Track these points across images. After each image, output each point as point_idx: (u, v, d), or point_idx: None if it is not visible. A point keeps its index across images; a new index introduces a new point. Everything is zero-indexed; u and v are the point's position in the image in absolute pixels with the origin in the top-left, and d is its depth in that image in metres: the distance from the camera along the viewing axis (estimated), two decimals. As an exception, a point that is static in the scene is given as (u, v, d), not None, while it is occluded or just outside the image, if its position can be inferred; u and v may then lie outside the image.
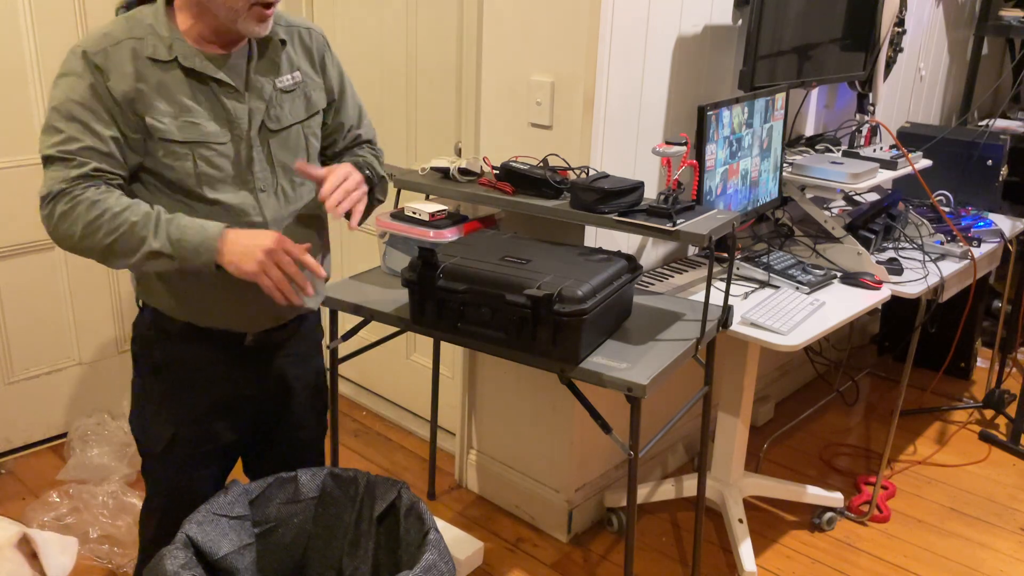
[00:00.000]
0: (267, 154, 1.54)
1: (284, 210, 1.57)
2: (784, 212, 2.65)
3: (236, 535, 1.59)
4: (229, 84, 1.48)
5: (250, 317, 1.60)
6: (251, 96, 1.51)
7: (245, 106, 1.50)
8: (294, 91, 1.57)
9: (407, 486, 1.69)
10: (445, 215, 2.11)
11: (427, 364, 2.86)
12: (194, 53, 1.45)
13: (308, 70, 1.61)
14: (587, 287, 1.67)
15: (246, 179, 1.51)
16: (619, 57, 2.17)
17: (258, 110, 1.51)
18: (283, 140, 1.56)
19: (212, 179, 1.48)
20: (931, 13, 3.47)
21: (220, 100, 1.48)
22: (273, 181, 1.55)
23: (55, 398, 2.82)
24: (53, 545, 1.28)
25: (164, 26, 1.44)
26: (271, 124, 1.53)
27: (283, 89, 1.55)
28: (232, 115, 1.49)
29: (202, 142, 1.46)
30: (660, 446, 2.76)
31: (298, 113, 1.58)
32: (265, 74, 1.53)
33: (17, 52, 2.51)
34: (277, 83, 1.54)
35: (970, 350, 3.50)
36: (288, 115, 1.56)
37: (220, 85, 1.47)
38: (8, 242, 2.60)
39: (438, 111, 2.63)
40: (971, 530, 2.59)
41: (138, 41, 1.42)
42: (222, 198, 1.49)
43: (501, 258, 1.82)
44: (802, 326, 2.04)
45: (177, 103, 1.44)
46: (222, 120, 1.48)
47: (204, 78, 1.46)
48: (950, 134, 3.00)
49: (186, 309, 1.56)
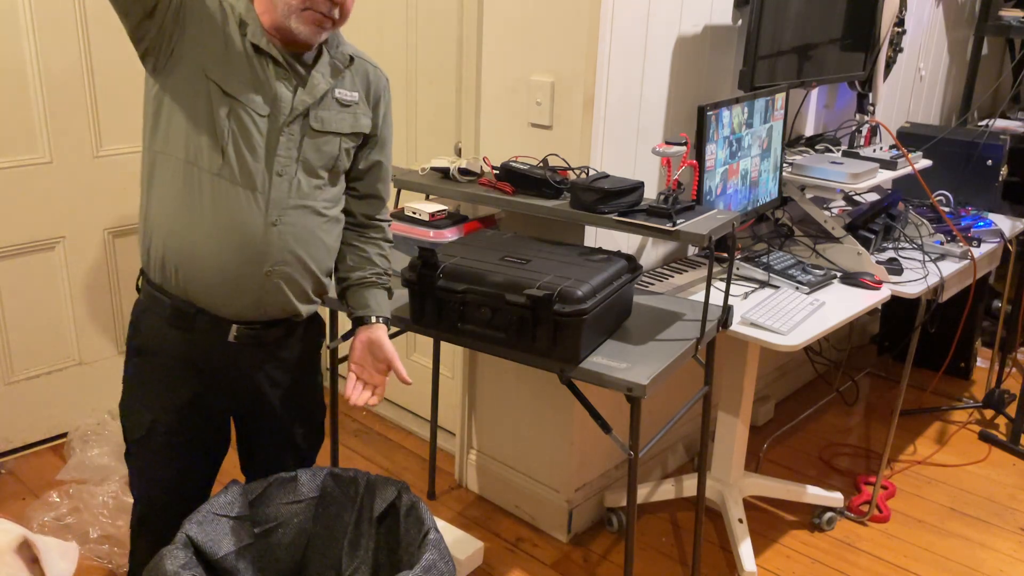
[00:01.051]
0: (298, 146, 1.56)
1: (290, 198, 1.57)
2: (784, 212, 2.65)
3: (236, 535, 1.59)
4: (284, 67, 1.52)
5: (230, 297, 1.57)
6: (303, 90, 1.55)
7: (291, 95, 1.54)
8: (348, 107, 1.62)
9: (407, 486, 1.69)
10: (445, 215, 2.11)
11: (427, 364, 2.86)
12: (261, 32, 1.50)
13: (362, 99, 1.65)
14: (587, 287, 1.67)
15: (268, 157, 1.54)
16: (619, 57, 2.17)
17: (303, 103, 1.55)
18: (319, 143, 1.58)
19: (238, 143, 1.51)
20: (931, 13, 3.47)
21: (270, 80, 1.52)
22: (293, 170, 1.57)
23: (55, 398, 2.82)
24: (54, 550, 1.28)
25: (243, 5, 1.50)
26: (315, 123, 1.57)
27: (340, 100, 1.60)
28: (276, 95, 1.52)
29: (241, 100, 1.49)
30: (660, 446, 2.76)
31: (343, 126, 1.62)
32: (326, 77, 1.58)
33: (17, 52, 2.50)
34: (337, 92, 1.59)
35: (970, 350, 3.50)
36: (334, 122, 1.60)
37: (275, 65, 1.52)
38: (8, 242, 2.60)
39: (438, 111, 2.63)
40: (971, 530, 2.59)
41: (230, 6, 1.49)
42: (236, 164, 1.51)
43: (501, 258, 1.82)
44: (802, 326, 2.04)
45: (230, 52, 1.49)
46: (266, 97, 1.52)
47: (264, 55, 1.51)
48: (950, 134, 3.00)
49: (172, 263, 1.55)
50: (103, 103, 2.70)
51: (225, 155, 1.50)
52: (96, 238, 2.79)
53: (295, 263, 1.60)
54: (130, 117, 2.77)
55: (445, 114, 2.61)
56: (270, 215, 1.55)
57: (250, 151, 1.51)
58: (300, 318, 1.68)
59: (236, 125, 1.50)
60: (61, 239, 2.71)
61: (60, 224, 2.70)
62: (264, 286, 1.58)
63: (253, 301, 1.59)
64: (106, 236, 2.81)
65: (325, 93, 1.57)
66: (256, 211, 1.53)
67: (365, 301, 1.71)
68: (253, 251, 1.54)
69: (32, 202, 2.62)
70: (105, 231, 2.80)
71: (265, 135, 1.52)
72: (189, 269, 1.55)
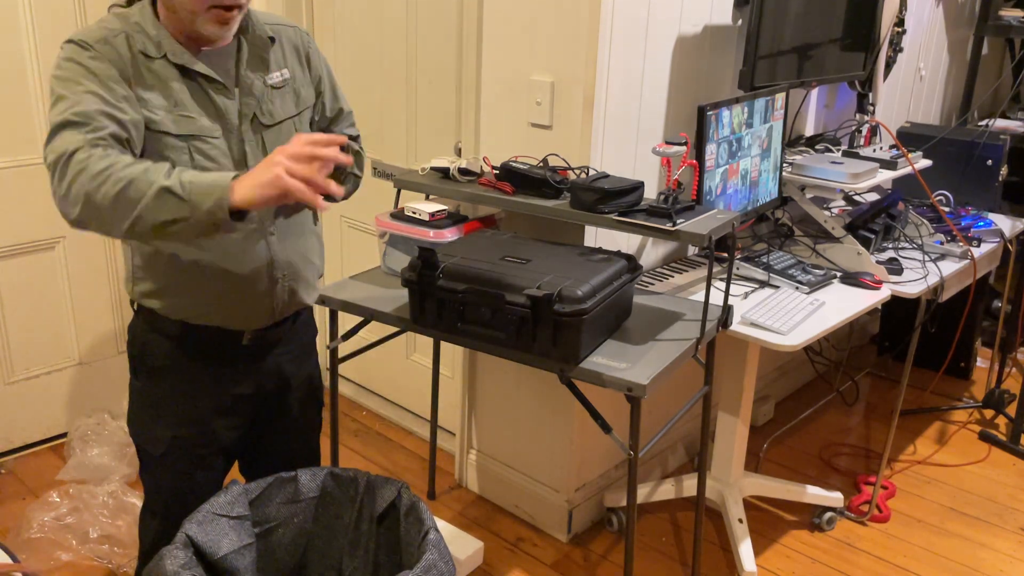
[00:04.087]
0: (262, 148, 1.55)
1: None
2: (784, 212, 2.65)
3: (236, 535, 1.59)
4: (216, 80, 1.49)
5: (246, 315, 1.60)
6: (241, 92, 1.52)
7: (234, 102, 1.51)
8: (283, 87, 1.59)
9: (407, 486, 1.69)
10: (445, 215, 2.11)
11: (427, 364, 2.86)
12: (181, 50, 1.46)
13: (295, 67, 1.62)
14: (587, 287, 1.67)
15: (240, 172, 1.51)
16: (619, 57, 2.17)
17: (248, 106, 1.52)
18: (276, 134, 1.57)
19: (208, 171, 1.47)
20: (931, 13, 3.47)
21: (209, 95, 1.48)
22: None
23: (55, 398, 2.82)
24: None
25: (151, 23, 1.45)
26: (264, 119, 1.55)
27: (273, 86, 1.57)
28: (221, 110, 1.49)
29: (196, 135, 1.46)
30: (660, 446, 2.76)
31: (289, 108, 1.60)
32: (255, 71, 1.54)
33: (17, 52, 2.51)
34: (268, 80, 1.56)
35: (970, 350, 3.50)
36: (280, 110, 1.58)
37: (208, 81, 1.48)
38: (8, 242, 2.60)
39: (438, 111, 2.63)
40: (971, 530, 2.59)
41: (131, 36, 1.43)
42: None
43: (501, 258, 1.82)
44: (802, 326, 2.04)
45: (170, 97, 1.44)
46: (212, 115, 1.49)
47: (191, 73, 1.47)
48: (950, 134, 3.00)
49: (181, 307, 1.55)
50: (103, 103, 2.70)
51: None
52: (96, 238, 2.79)
53: (298, 262, 1.62)
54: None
55: (445, 114, 2.61)
56: (264, 227, 1.56)
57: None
58: (307, 307, 1.73)
59: (200, 157, 1.47)
60: (61, 239, 2.71)
61: (60, 224, 2.69)
62: (277, 295, 1.61)
63: (268, 311, 1.62)
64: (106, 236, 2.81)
65: (261, 86, 1.54)
66: (255, 233, 1.54)
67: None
68: (258, 269, 1.56)
69: (32, 202, 2.62)
70: (105, 231, 2.80)
71: (229, 154, 1.51)
72: (198, 301, 1.54)
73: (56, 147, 1.31)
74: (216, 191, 1.28)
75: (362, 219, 2.96)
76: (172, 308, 1.56)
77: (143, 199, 1.27)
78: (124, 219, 1.29)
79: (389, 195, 2.75)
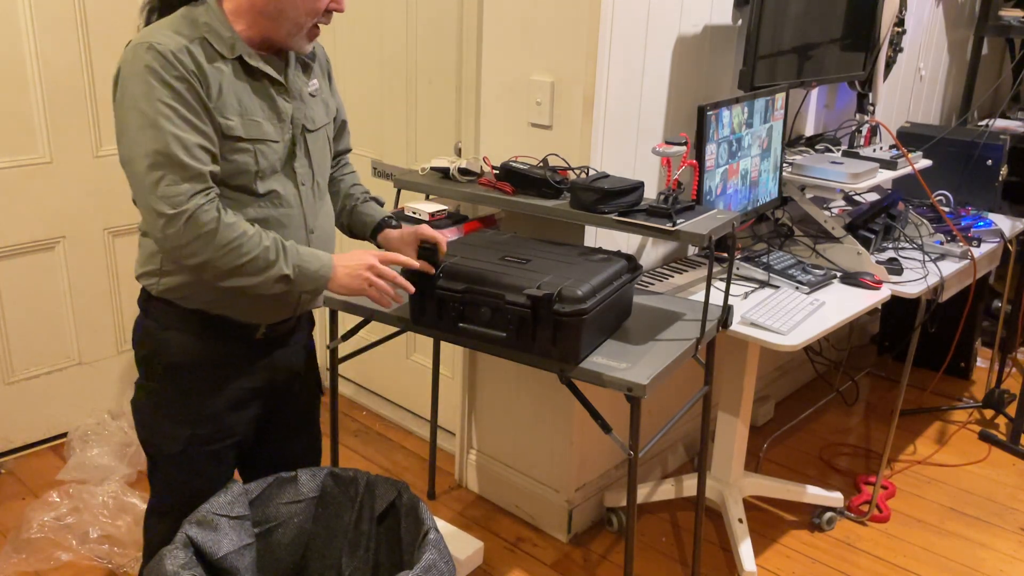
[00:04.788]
0: (305, 151, 1.60)
1: (316, 204, 1.64)
2: (784, 212, 2.65)
3: (236, 535, 1.59)
4: (281, 83, 1.54)
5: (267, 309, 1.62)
6: (294, 98, 1.58)
7: (291, 105, 1.56)
8: (316, 96, 1.65)
9: (407, 486, 1.70)
10: (445, 215, 2.11)
11: (427, 364, 2.86)
12: (252, 52, 1.50)
13: (323, 79, 1.69)
14: (587, 287, 1.67)
15: (289, 173, 1.57)
16: (619, 57, 2.17)
17: (299, 109, 1.58)
18: (315, 139, 1.63)
19: (265, 173, 1.53)
20: (931, 13, 3.47)
21: (273, 98, 1.53)
22: (310, 176, 1.62)
23: (55, 398, 2.82)
24: None
25: (223, 25, 1.47)
26: (308, 124, 1.61)
27: (311, 93, 1.63)
28: (281, 112, 1.55)
29: (261, 139, 1.51)
30: (660, 446, 2.76)
31: (322, 117, 1.66)
32: (299, 77, 1.61)
33: (17, 52, 2.50)
34: (308, 88, 1.62)
35: (970, 350, 3.50)
36: (319, 118, 1.65)
37: (274, 84, 1.53)
38: (8, 242, 2.60)
39: (438, 111, 2.63)
40: (971, 530, 2.59)
41: (202, 40, 1.45)
42: (274, 187, 1.54)
43: (501, 258, 1.82)
44: (802, 326, 2.04)
45: (240, 100, 1.49)
46: (274, 118, 1.54)
47: (260, 75, 1.51)
48: (950, 134, 3.00)
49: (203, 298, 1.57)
50: (103, 103, 2.70)
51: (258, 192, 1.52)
52: (96, 238, 2.79)
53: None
54: (130, 117, 2.77)
55: (445, 114, 2.60)
56: (308, 226, 1.61)
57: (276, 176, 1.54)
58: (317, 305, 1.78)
59: (261, 159, 1.52)
60: (61, 239, 2.71)
61: (60, 224, 2.70)
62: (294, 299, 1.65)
63: (290, 307, 1.66)
64: (106, 236, 2.81)
65: (305, 93, 1.61)
66: (299, 230, 1.59)
67: (375, 211, 1.83)
68: None
69: (32, 202, 2.62)
70: (105, 231, 2.80)
71: (281, 155, 1.56)
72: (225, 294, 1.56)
73: (170, 195, 1.38)
74: (319, 283, 1.52)
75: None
76: (193, 299, 1.57)
77: (259, 275, 1.46)
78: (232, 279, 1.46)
79: (389, 195, 2.75)
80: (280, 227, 1.55)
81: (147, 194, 1.39)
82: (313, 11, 1.49)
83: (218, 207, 1.43)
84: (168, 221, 1.39)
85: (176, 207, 1.38)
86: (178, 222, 1.39)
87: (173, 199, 1.38)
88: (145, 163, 1.38)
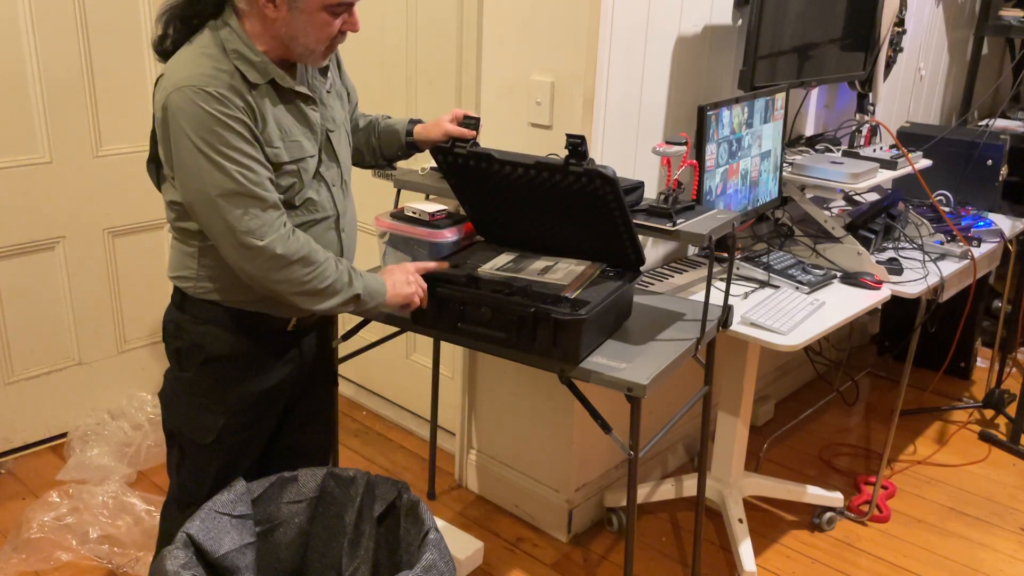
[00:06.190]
0: (332, 154, 1.63)
1: (345, 203, 1.68)
2: (784, 212, 2.65)
3: (237, 534, 1.59)
4: (310, 96, 1.56)
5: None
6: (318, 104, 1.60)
7: (318, 113, 1.59)
8: (331, 92, 1.66)
9: (407, 486, 1.70)
10: (445, 215, 2.11)
11: (427, 364, 2.86)
12: (282, 74, 1.51)
13: (334, 70, 1.71)
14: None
15: (322, 179, 1.61)
16: (619, 57, 2.17)
17: (323, 114, 1.61)
18: (338, 139, 1.66)
19: (305, 186, 1.56)
20: (931, 13, 3.48)
21: (305, 113, 1.56)
22: (339, 176, 1.65)
23: (55, 398, 2.82)
24: None
25: (251, 50, 1.48)
26: (330, 125, 1.63)
27: (327, 91, 1.65)
28: (312, 123, 1.57)
29: (301, 158, 1.54)
30: (660, 446, 2.76)
31: (340, 112, 1.68)
32: (317, 79, 1.62)
33: (17, 52, 2.50)
34: (325, 86, 1.64)
35: (970, 350, 3.50)
36: (338, 115, 1.67)
37: (302, 98, 1.55)
38: (8, 242, 2.60)
39: (438, 111, 2.62)
40: (971, 530, 2.59)
41: (236, 71, 1.45)
42: (309, 195, 1.58)
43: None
44: (802, 326, 2.04)
45: (280, 125, 1.51)
46: (308, 131, 1.56)
47: (289, 93, 1.53)
48: (950, 134, 3.00)
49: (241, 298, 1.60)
50: (103, 103, 2.70)
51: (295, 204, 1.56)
52: (96, 238, 2.79)
53: (353, 251, 1.73)
54: (130, 117, 2.77)
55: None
56: (340, 225, 1.65)
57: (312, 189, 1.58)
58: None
59: (304, 175, 1.55)
60: (61, 239, 2.71)
61: (60, 224, 2.70)
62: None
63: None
64: (106, 236, 2.81)
65: (324, 94, 1.63)
66: (331, 231, 1.63)
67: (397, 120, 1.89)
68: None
69: (32, 202, 2.62)
70: (105, 231, 2.80)
71: (314, 163, 1.58)
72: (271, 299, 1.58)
73: (254, 229, 1.44)
74: (379, 298, 1.62)
75: (362, 219, 2.95)
76: (230, 300, 1.60)
77: (336, 296, 1.55)
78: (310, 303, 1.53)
79: (389, 195, 2.75)
80: (315, 231, 1.59)
81: (231, 232, 1.43)
82: (326, 36, 1.50)
83: (297, 234, 1.48)
84: (257, 253, 1.44)
85: (263, 238, 1.43)
86: (266, 254, 1.44)
87: (258, 231, 1.43)
88: (222, 203, 1.42)
